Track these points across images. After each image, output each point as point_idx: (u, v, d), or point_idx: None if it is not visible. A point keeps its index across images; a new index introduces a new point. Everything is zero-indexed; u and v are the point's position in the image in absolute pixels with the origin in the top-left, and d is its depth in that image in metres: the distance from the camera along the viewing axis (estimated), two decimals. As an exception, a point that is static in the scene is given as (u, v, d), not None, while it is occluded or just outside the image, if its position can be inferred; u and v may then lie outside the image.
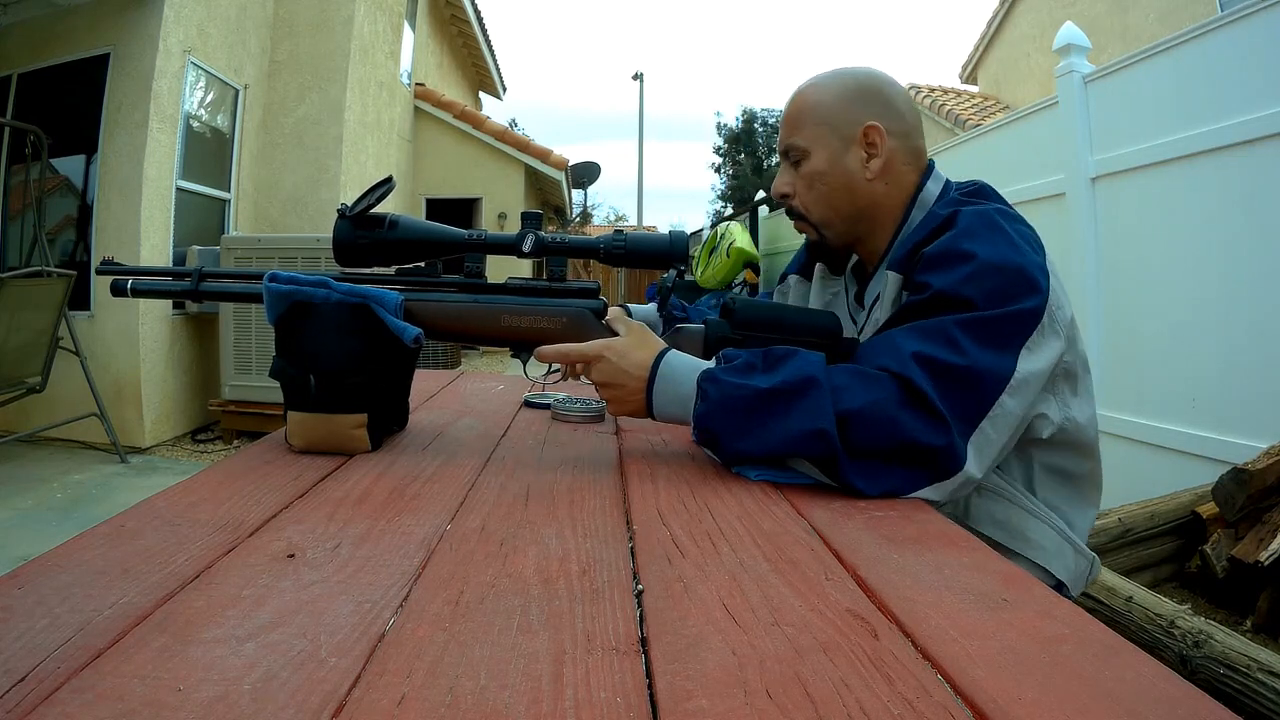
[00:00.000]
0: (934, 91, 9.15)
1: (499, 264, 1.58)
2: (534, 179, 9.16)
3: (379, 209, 0.84)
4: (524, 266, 6.49)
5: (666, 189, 52.90)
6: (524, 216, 0.86)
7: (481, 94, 12.04)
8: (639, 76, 16.51)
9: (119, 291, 0.85)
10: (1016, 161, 3.33)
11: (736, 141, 22.75)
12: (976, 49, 9.70)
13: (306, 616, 0.44)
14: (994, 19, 9.20)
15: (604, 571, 0.53)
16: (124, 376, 4.26)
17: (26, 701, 0.35)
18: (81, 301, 4.22)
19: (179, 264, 4.02)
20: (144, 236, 4.22)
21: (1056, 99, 3.02)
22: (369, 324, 0.81)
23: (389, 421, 0.91)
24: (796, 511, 0.67)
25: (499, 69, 11.31)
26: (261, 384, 4.35)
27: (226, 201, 5.26)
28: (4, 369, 3.58)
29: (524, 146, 8.67)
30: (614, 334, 0.85)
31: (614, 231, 0.87)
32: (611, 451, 0.90)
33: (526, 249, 0.84)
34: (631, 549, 0.57)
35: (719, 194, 23.23)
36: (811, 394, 0.72)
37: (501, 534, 0.60)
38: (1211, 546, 1.89)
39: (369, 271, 0.86)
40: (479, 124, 8.47)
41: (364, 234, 0.83)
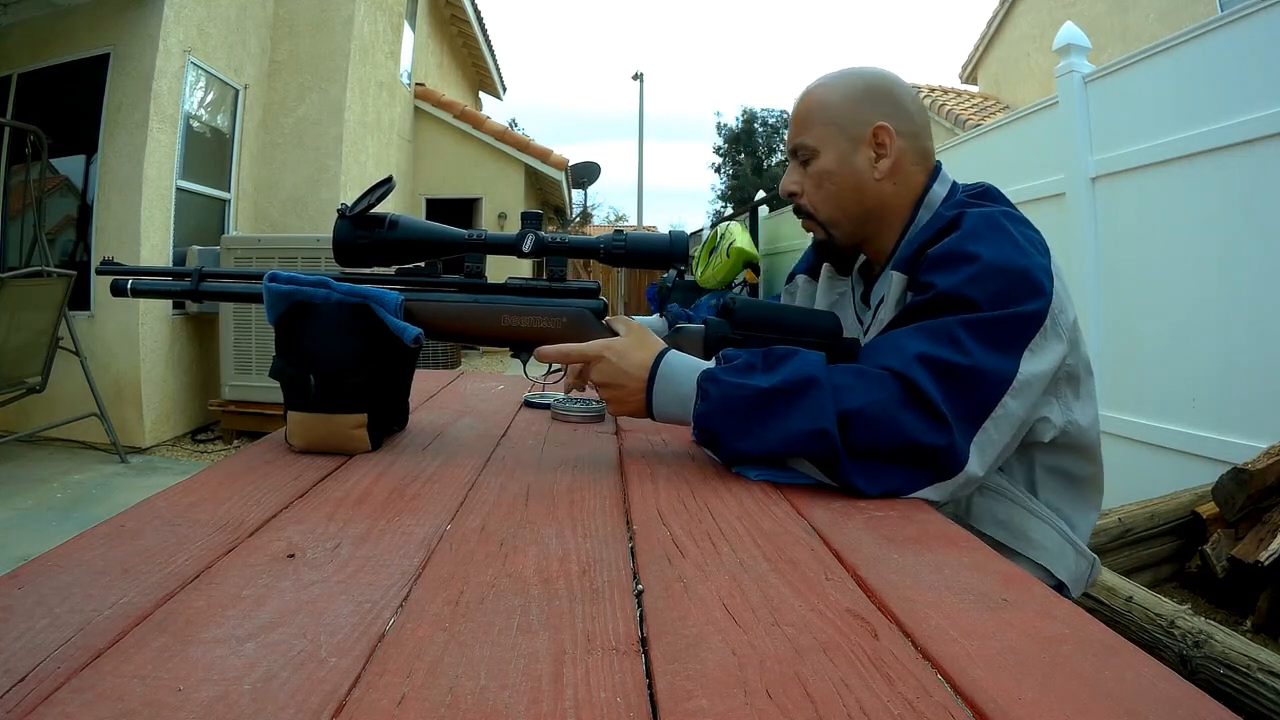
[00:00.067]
0: (934, 91, 9.15)
1: (499, 264, 1.58)
2: (534, 179, 9.16)
3: (379, 209, 0.84)
4: (524, 266, 6.49)
5: (666, 189, 52.95)
6: (524, 216, 0.86)
7: (481, 94, 12.05)
8: (639, 76, 16.52)
9: (119, 291, 0.85)
10: (1016, 161, 3.33)
11: (736, 141, 22.75)
12: (976, 49, 9.70)
13: (306, 616, 0.44)
14: (994, 19, 9.21)
15: (604, 571, 0.53)
16: (124, 376, 4.26)
17: (26, 701, 0.35)
18: (81, 301, 4.22)
19: (179, 264, 4.02)
20: (144, 236, 4.22)
21: (1056, 99, 3.02)
22: (369, 324, 0.81)
23: (389, 421, 0.91)
24: (796, 511, 0.67)
25: (499, 69, 11.31)
26: (261, 384, 4.35)
27: (226, 201, 5.26)
28: (4, 369, 3.58)
29: (524, 146, 8.67)
30: (614, 334, 0.85)
31: (614, 231, 0.87)
32: (611, 451, 0.90)
33: (526, 249, 0.84)
34: (631, 549, 0.57)
35: (719, 194, 23.26)
36: (812, 393, 0.72)
37: (501, 534, 0.60)
38: (1211, 546, 1.89)
39: (369, 271, 0.86)
40: (479, 124, 8.47)
41: (364, 234, 0.83)
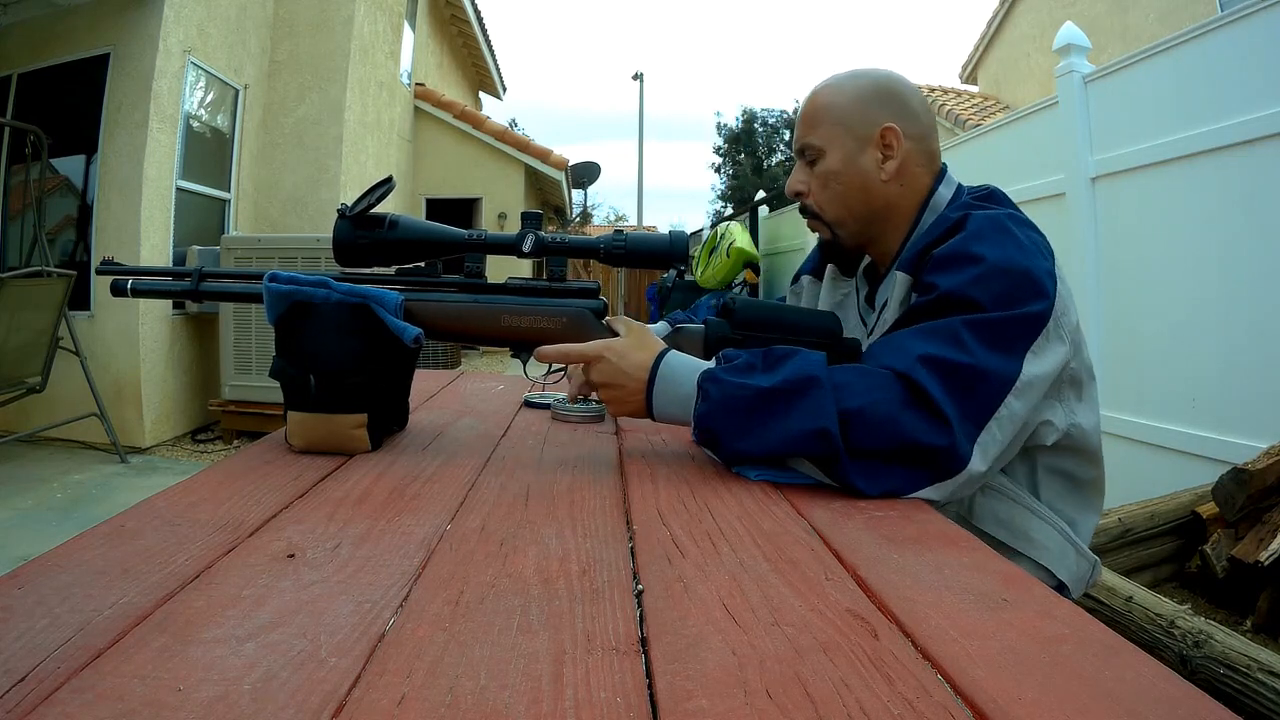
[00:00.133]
0: (934, 91, 9.15)
1: (499, 264, 1.58)
2: (534, 179, 9.16)
3: (379, 209, 0.84)
4: (524, 266, 6.49)
5: (666, 189, 52.95)
6: (524, 216, 0.86)
7: (481, 94, 12.05)
8: (639, 76, 16.52)
9: (119, 291, 0.85)
10: (1016, 161, 3.33)
11: (736, 141, 22.75)
12: (976, 49, 9.70)
13: (306, 616, 0.44)
14: (994, 19, 9.21)
15: (604, 571, 0.53)
16: (124, 376, 4.26)
17: (26, 701, 0.35)
18: (81, 301, 4.22)
19: (179, 264, 4.02)
20: (144, 236, 4.22)
21: (1056, 99, 3.02)
22: (369, 324, 0.81)
23: (389, 421, 0.91)
24: (796, 511, 0.67)
25: (499, 69, 11.31)
26: (261, 384, 4.35)
27: (226, 201, 5.26)
28: (4, 369, 3.58)
29: (524, 146, 8.67)
30: (614, 334, 0.85)
31: (614, 231, 0.87)
32: (611, 451, 0.90)
33: (526, 249, 0.84)
34: (631, 549, 0.57)
35: (719, 194, 23.24)
36: (812, 393, 0.72)
37: (501, 534, 0.60)
38: (1211, 546, 1.88)
39: (369, 271, 0.86)
40: (479, 124, 8.47)
41: (364, 234, 0.83)
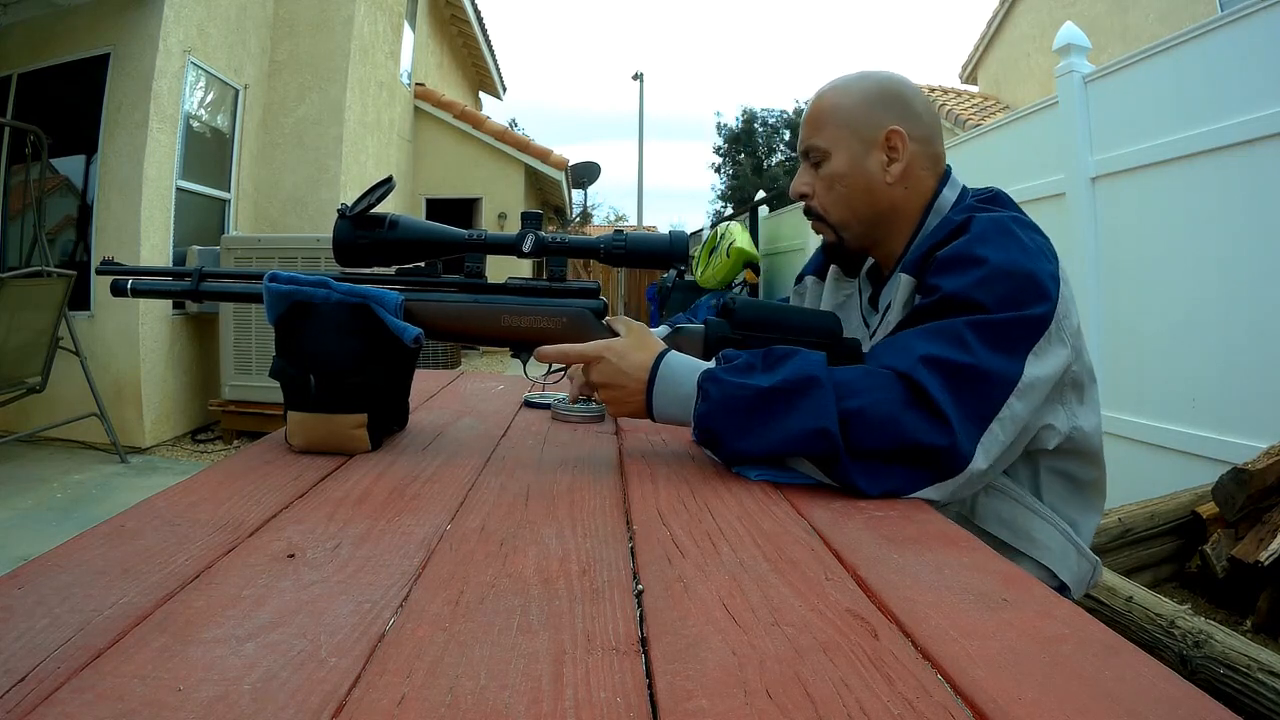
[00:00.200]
0: (934, 91, 9.14)
1: (499, 264, 1.58)
2: (534, 179, 9.16)
3: (379, 209, 0.84)
4: (524, 266, 6.49)
5: (666, 189, 52.96)
6: (524, 216, 0.86)
7: (481, 94, 12.04)
8: (639, 76, 16.53)
9: (119, 291, 0.85)
10: (1016, 161, 3.33)
11: (736, 141, 22.74)
12: (976, 49, 9.70)
13: (306, 616, 0.44)
14: (994, 19, 9.20)
15: (604, 571, 0.53)
16: (124, 376, 4.26)
17: (26, 701, 0.35)
18: (81, 301, 4.22)
19: (179, 264, 4.02)
20: (144, 236, 4.22)
21: (1056, 99, 3.02)
22: (369, 324, 0.81)
23: (389, 421, 0.91)
24: (796, 511, 0.67)
25: (499, 69, 11.31)
26: (261, 384, 4.35)
27: (226, 201, 5.26)
28: (4, 369, 3.58)
29: (524, 146, 8.67)
30: (614, 334, 0.85)
31: (614, 231, 0.87)
32: (611, 451, 0.90)
33: (526, 249, 0.84)
34: (631, 549, 0.57)
35: (719, 194, 23.23)
36: (813, 393, 0.72)
37: (501, 534, 0.60)
38: (1211, 546, 1.88)
39: (369, 271, 0.86)
40: (479, 124, 8.47)
41: (364, 234, 0.83)
